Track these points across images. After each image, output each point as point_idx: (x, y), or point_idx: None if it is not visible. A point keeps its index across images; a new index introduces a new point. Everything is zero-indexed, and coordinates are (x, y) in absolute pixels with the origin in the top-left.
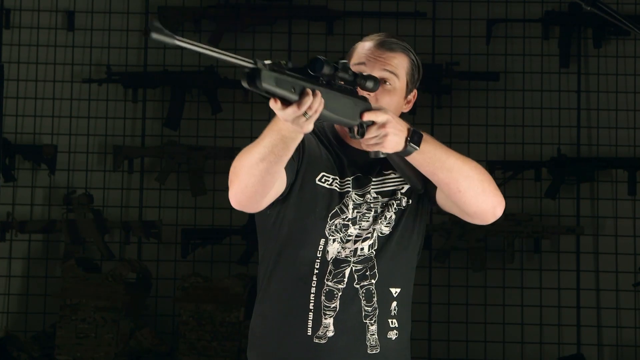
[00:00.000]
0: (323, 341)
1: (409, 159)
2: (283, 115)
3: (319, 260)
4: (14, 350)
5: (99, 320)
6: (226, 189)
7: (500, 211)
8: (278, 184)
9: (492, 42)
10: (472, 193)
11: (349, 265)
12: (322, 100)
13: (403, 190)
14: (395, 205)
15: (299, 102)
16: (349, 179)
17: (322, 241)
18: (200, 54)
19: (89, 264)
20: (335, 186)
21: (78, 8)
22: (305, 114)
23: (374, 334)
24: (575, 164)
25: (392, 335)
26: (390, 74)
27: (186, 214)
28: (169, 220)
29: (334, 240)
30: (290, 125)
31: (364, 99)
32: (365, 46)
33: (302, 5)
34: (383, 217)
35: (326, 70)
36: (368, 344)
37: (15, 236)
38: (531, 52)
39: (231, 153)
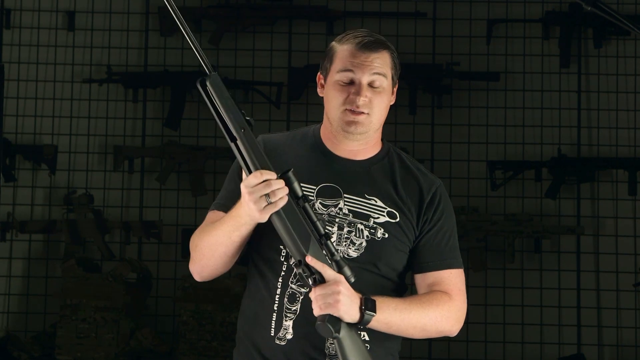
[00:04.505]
0: (283, 343)
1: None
2: (246, 183)
3: (285, 264)
4: (14, 350)
5: (99, 320)
6: None
7: (459, 327)
8: None
9: (492, 42)
10: (431, 334)
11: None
12: (286, 192)
13: (379, 220)
14: (367, 233)
15: (261, 172)
16: (313, 187)
17: (282, 245)
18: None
19: (89, 264)
20: None
21: (78, 8)
22: (267, 196)
23: (333, 343)
24: (576, 164)
25: None
26: (379, 76)
27: (186, 214)
28: (169, 220)
29: None
30: (250, 206)
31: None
32: (346, 50)
33: (302, 5)
34: (349, 242)
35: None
36: (327, 352)
37: (16, 236)
38: (531, 52)
39: (231, 153)
